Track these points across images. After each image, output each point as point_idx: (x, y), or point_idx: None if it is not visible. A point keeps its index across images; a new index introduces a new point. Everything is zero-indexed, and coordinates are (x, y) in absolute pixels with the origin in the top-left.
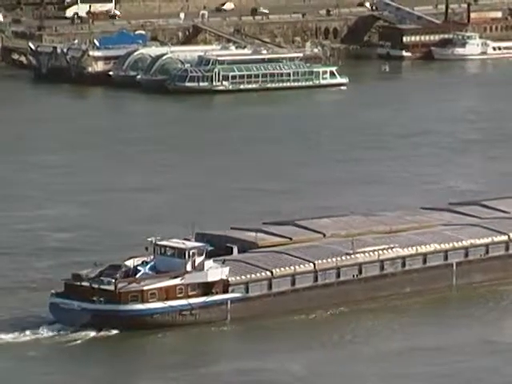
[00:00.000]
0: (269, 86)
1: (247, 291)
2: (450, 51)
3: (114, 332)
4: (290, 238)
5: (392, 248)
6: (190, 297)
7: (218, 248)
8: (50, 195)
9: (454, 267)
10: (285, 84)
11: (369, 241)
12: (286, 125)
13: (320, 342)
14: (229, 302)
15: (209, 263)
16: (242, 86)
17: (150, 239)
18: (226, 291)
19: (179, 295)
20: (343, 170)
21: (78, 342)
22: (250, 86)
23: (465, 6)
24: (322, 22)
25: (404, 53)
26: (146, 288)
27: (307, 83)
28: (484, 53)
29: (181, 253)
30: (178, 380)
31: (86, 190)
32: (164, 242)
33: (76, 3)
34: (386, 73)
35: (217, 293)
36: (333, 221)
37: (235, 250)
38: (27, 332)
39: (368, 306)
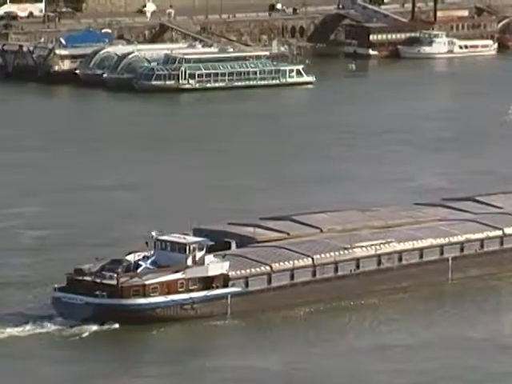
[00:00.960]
0: (235, 84)
1: (247, 285)
2: (417, 50)
3: (117, 326)
4: (288, 233)
5: (389, 243)
6: (191, 291)
7: (217, 243)
8: (23, 193)
9: (450, 262)
10: (251, 82)
11: (366, 235)
12: (255, 123)
13: (311, 338)
14: (229, 296)
15: (209, 258)
16: (208, 85)
17: (151, 234)
18: (226, 285)
19: (180, 289)
20: (315, 167)
21: (81, 336)
22: (216, 85)
23: (431, 4)
24: (288, 20)
25: (371, 51)
26: (147, 282)
27: (274, 81)
28: (451, 51)
29: (182, 247)
30: (172, 376)
31: (58, 188)
32: (165, 237)
33: (5, 3)
34: (353, 71)
35: (217, 287)
36: (329, 216)
37: (233, 244)
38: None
39: (363, 300)
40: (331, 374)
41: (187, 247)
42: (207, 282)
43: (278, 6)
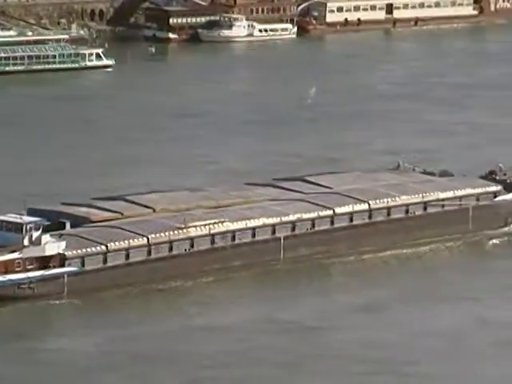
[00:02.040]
0: (35, 67)
1: (83, 265)
2: (217, 33)
3: None
4: (122, 213)
5: (222, 222)
6: (28, 271)
7: (51, 223)
8: None
9: (282, 241)
10: (51, 66)
11: (199, 215)
12: (56, 106)
13: (135, 318)
14: (65, 275)
15: (46, 238)
16: (7, 68)
17: None
18: (62, 265)
19: (17, 269)
20: (124, 150)
21: None
22: (15, 68)
23: None
24: (87, 3)
25: (171, 35)
26: None
27: (73, 65)
28: (250, 35)
29: (18, 227)
30: None
31: None
32: (1, 217)
33: None
34: (153, 55)
35: (54, 267)
36: (161, 196)
37: (68, 225)
38: None
39: (196, 279)
40: (148, 354)
41: (23, 227)
42: (44, 262)
43: None
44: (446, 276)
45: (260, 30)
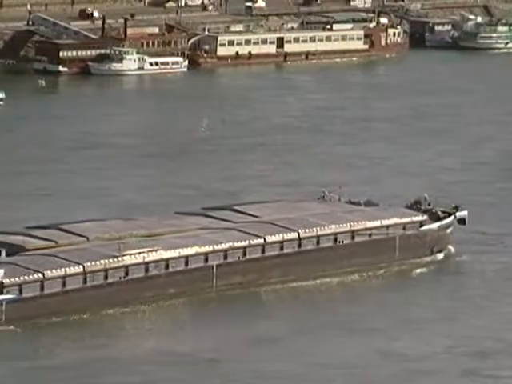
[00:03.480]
0: None
1: (21, 292)
2: (107, 66)
3: None
4: (56, 242)
5: (156, 251)
6: None
7: None
8: None
9: (214, 269)
10: None
11: (133, 244)
12: None
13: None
14: (4, 303)
15: None
16: None
17: None
18: (0, 292)
19: None
20: (20, 184)
21: None
22: None
23: (122, 21)
24: None
25: (61, 68)
26: None
27: None
28: (141, 68)
29: None
30: None
31: None
32: None
33: None
34: (44, 88)
35: None
36: (94, 224)
37: (3, 253)
38: None
39: (131, 307)
40: None
41: None
42: None
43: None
44: (365, 306)
45: (151, 64)
